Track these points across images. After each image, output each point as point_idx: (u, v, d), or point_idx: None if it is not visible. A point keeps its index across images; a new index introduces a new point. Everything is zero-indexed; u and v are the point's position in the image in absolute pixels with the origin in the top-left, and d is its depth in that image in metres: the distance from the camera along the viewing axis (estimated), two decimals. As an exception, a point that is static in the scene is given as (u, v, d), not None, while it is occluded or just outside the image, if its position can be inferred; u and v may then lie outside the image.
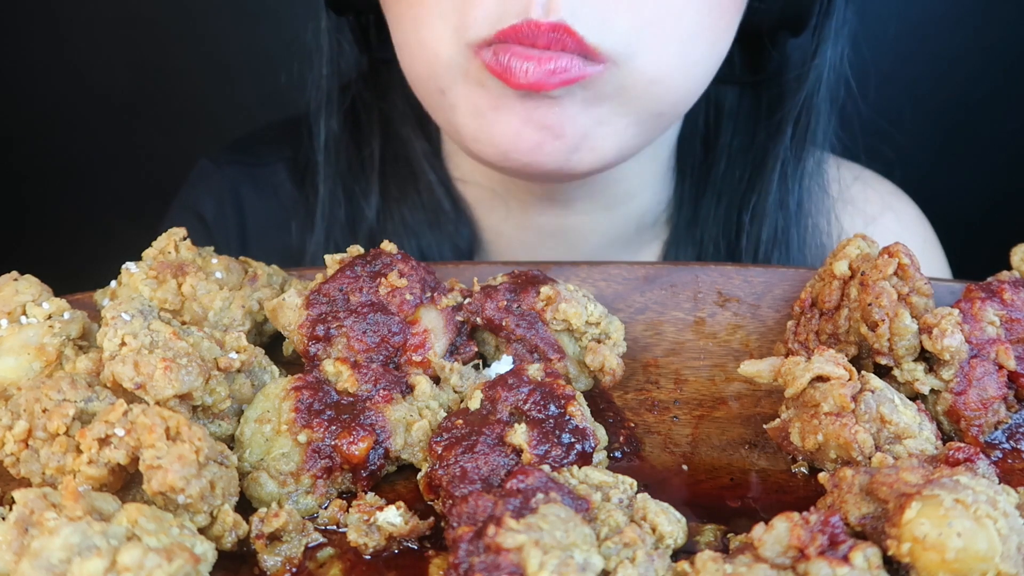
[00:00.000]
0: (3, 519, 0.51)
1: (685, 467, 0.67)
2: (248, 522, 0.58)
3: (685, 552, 0.56)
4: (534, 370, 0.67)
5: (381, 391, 0.66)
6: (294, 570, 0.58)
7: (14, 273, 0.73)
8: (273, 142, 1.20)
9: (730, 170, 1.07)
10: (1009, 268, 0.76)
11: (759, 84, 1.06)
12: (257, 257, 0.80)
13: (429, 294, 0.73)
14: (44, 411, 0.59)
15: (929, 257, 1.18)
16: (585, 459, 0.63)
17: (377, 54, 1.08)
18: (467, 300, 0.74)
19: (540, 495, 0.54)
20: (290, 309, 0.71)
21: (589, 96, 0.78)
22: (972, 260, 1.03)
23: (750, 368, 0.67)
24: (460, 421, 0.64)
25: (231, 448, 0.64)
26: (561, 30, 0.72)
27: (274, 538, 0.58)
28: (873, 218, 1.13)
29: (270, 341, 0.78)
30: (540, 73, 0.73)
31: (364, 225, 1.09)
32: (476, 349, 0.74)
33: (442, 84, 0.82)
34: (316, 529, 0.60)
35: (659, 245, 1.13)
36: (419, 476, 0.64)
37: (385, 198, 1.09)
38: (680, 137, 1.10)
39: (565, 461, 0.62)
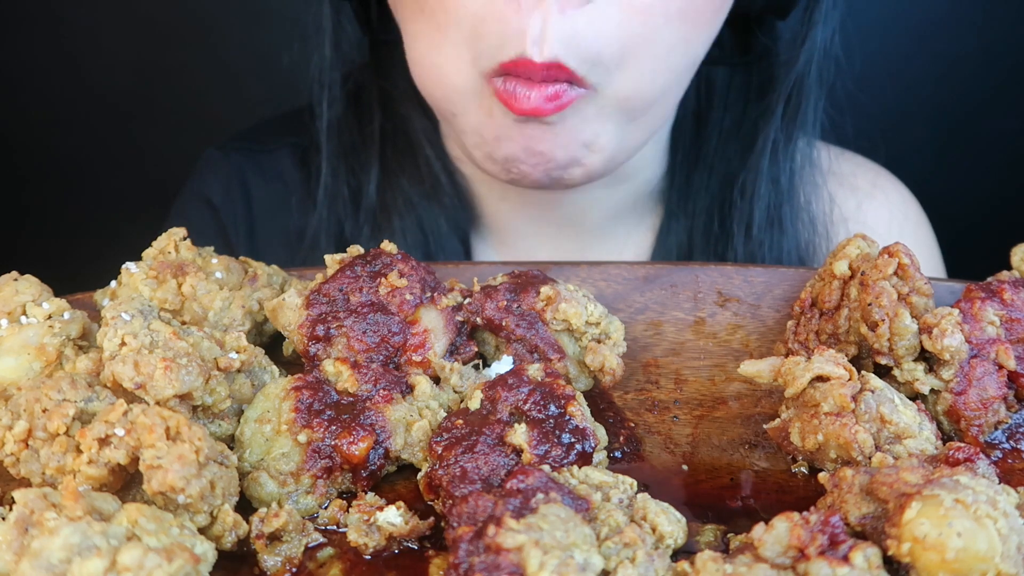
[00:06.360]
0: (3, 519, 0.51)
1: (685, 467, 0.67)
2: (248, 522, 0.58)
3: (685, 552, 0.56)
4: (534, 370, 0.67)
5: (381, 391, 0.66)
6: (294, 570, 0.58)
7: (14, 273, 0.73)
8: (276, 131, 1.23)
9: (721, 146, 1.10)
10: (1009, 268, 0.76)
11: (749, 64, 1.09)
12: (264, 238, 0.81)
13: (429, 294, 0.73)
14: (44, 411, 0.59)
15: (920, 239, 1.19)
16: (585, 459, 0.63)
17: (379, 36, 1.10)
18: (467, 300, 0.74)
19: (540, 495, 0.54)
20: (290, 309, 0.71)
21: (577, 120, 0.84)
22: (972, 260, 1.03)
23: (750, 368, 0.67)
24: (460, 421, 0.64)
25: (231, 448, 0.64)
26: (555, 68, 0.78)
27: (274, 538, 0.58)
28: (867, 194, 1.16)
29: (270, 341, 0.78)
30: (539, 99, 0.80)
31: (365, 200, 1.12)
32: (476, 349, 0.74)
33: (455, 109, 0.88)
34: (316, 529, 0.60)
35: (655, 219, 1.15)
36: (419, 476, 0.64)
37: (385, 172, 1.12)
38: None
39: (565, 461, 0.62)
